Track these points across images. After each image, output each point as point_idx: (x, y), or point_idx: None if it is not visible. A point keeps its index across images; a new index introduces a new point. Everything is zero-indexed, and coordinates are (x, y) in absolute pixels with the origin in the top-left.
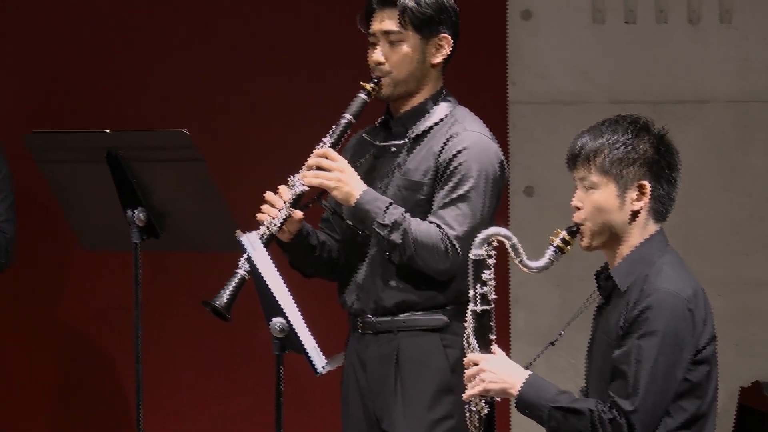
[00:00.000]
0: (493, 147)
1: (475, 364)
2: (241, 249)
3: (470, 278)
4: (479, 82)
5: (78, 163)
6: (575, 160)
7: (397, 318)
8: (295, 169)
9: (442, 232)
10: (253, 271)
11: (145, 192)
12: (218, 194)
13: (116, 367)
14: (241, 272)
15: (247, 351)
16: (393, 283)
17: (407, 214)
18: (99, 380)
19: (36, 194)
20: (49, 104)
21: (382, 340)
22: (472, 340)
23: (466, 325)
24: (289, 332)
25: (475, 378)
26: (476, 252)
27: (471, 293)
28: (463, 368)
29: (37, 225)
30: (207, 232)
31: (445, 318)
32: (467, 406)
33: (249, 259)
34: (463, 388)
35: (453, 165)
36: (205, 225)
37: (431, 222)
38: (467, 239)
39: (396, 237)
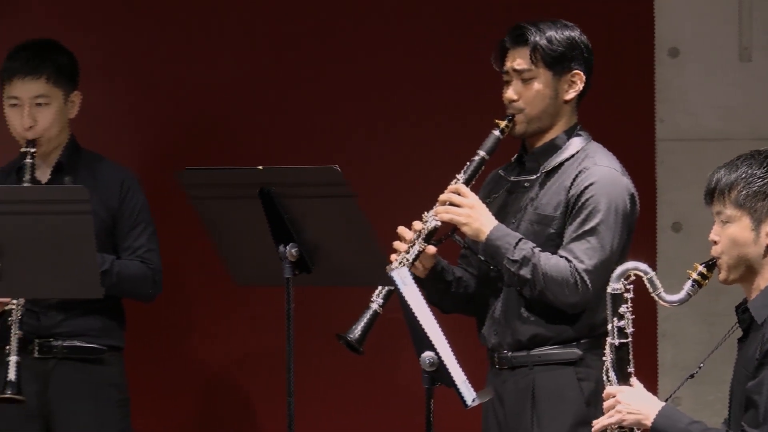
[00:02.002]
0: (623, 181)
1: (613, 396)
2: (391, 284)
3: (608, 312)
4: (628, 120)
5: (231, 199)
6: (712, 194)
7: (531, 353)
8: (431, 204)
9: (571, 266)
10: (404, 305)
11: (297, 227)
12: (369, 230)
13: (269, 399)
14: (374, 306)
15: (397, 383)
16: (526, 317)
17: (537, 249)
18: (249, 412)
19: (186, 230)
20: (198, 141)
21: (518, 375)
22: (611, 373)
23: (604, 358)
24: (440, 366)
25: (611, 409)
26: (614, 286)
27: (609, 327)
28: (598, 401)
29: (188, 259)
30: (357, 267)
31: (578, 351)
32: None
33: (399, 294)
34: None
35: (582, 199)
36: (355, 260)
37: (561, 256)
38: (597, 273)
39: (526, 272)
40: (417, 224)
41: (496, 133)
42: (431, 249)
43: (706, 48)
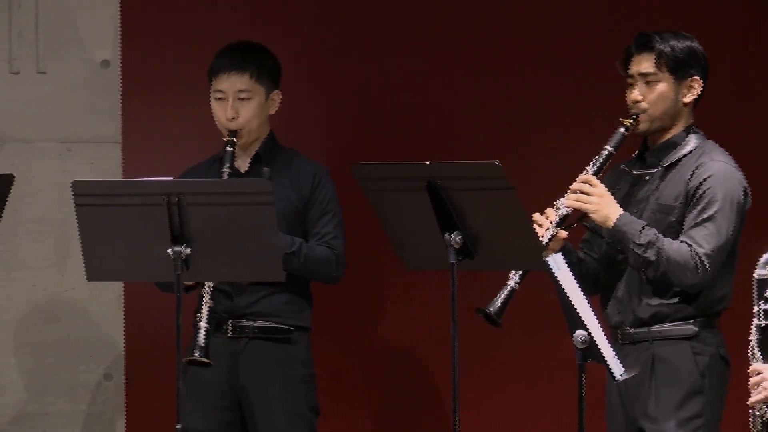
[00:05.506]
0: (738, 175)
1: (758, 373)
2: (546, 268)
3: (754, 296)
4: (754, 122)
5: (400, 191)
6: None
7: (651, 329)
8: (562, 193)
9: (692, 250)
10: (558, 288)
11: (461, 217)
12: (527, 219)
13: (436, 375)
14: (511, 284)
15: (552, 359)
16: (647, 297)
17: (660, 235)
18: (419, 385)
19: (370, 218)
20: (371, 137)
21: (639, 349)
22: (757, 351)
23: (750, 338)
24: (591, 344)
25: (758, 386)
26: (760, 272)
27: (755, 309)
28: (712, 373)
29: (364, 247)
30: (516, 252)
31: (694, 328)
32: (751, 411)
33: (554, 278)
34: (713, 392)
35: (701, 190)
36: (514, 246)
37: (682, 241)
38: (714, 256)
39: (651, 255)
40: (550, 211)
41: (622, 130)
42: (563, 233)
43: None
